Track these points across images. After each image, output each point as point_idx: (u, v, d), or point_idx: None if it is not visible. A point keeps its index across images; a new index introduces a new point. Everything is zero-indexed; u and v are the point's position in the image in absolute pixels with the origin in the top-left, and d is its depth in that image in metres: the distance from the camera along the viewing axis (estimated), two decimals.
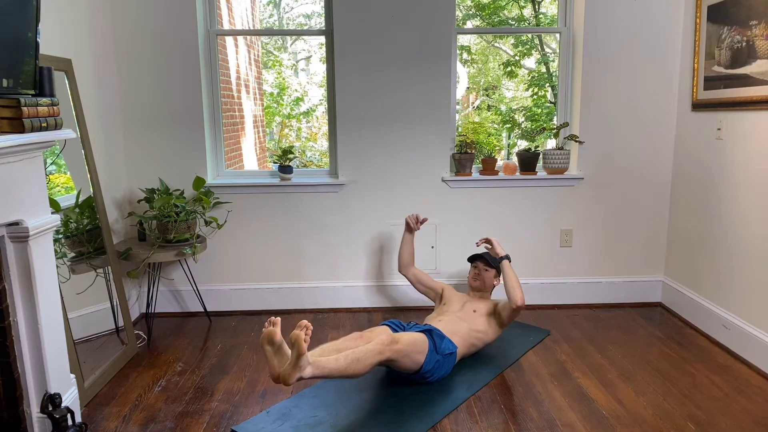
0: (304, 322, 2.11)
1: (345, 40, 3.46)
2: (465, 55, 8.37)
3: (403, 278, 3.40)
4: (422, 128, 3.57)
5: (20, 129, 1.85)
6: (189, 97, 3.47)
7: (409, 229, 3.31)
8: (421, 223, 3.33)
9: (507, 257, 2.97)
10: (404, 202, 3.64)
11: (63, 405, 2.16)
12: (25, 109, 1.85)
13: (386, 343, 2.39)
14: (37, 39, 1.99)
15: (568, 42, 3.63)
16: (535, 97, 7.49)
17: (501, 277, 3.04)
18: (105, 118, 3.29)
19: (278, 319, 2.19)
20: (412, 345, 2.51)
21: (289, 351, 2.15)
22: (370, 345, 2.37)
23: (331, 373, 2.23)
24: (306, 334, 2.07)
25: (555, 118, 3.95)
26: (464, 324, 2.85)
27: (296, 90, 9.15)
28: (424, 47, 3.48)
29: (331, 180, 3.63)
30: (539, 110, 7.34)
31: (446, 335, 2.71)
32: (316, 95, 9.12)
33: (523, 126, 7.48)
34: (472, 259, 3.17)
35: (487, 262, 3.10)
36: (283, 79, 9.09)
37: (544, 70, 7.74)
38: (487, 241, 3.11)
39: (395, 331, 2.66)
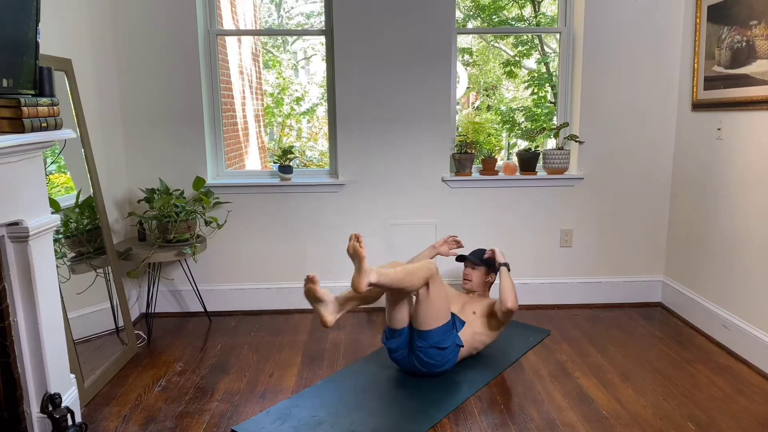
0: (353, 234, 2.42)
1: (345, 40, 3.46)
2: (467, 57, 8.37)
3: None
4: (422, 128, 3.57)
5: (20, 129, 1.85)
6: (189, 97, 3.47)
7: (439, 250, 3.23)
8: (451, 245, 3.28)
9: (506, 265, 2.97)
10: (404, 202, 3.64)
11: (63, 405, 2.16)
12: (25, 109, 1.85)
13: (434, 263, 2.65)
14: (37, 39, 1.99)
15: (568, 42, 3.63)
16: (535, 97, 7.49)
17: (494, 274, 3.09)
18: (105, 118, 3.29)
19: (315, 275, 2.48)
20: (442, 288, 2.67)
21: (331, 298, 2.55)
22: (420, 263, 2.62)
23: (391, 281, 2.48)
24: (359, 242, 2.39)
25: (555, 118, 3.95)
26: (467, 328, 2.84)
27: (296, 90, 9.15)
28: (424, 47, 3.48)
29: (331, 180, 3.63)
30: (539, 110, 7.33)
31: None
32: (316, 94, 9.11)
33: (523, 126, 7.48)
34: (459, 260, 3.19)
35: (473, 262, 3.10)
36: (284, 79, 9.09)
37: (544, 70, 7.74)
38: (492, 252, 3.10)
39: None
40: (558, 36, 3.70)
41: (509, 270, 2.94)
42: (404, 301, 2.71)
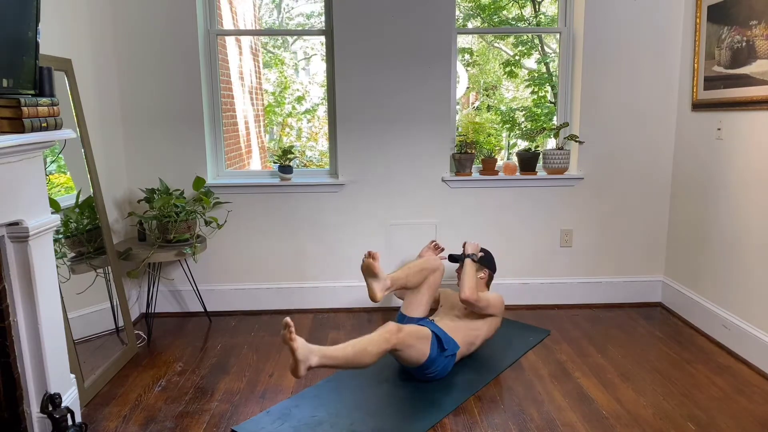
0: (285, 320, 2.14)
1: (345, 40, 3.46)
2: (467, 57, 8.37)
3: None
4: (422, 128, 3.57)
5: (20, 129, 1.85)
6: (189, 97, 3.47)
7: (426, 258, 3.21)
8: (436, 250, 3.31)
9: (471, 256, 3.00)
10: (404, 202, 3.64)
11: (63, 405, 2.16)
12: (25, 109, 1.85)
13: (393, 332, 2.44)
14: (37, 39, 1.99)
15: (568, 42, 3.63)
16: (535, 96, 7.49)
17: (486, 269, 3.10)
18: (105, 118, 3.29)
19: (377, 253, 2.57)
20: (414, 335, 2.54)
21: (385, 275, 2.66)
22: (376, 334, 2.41)
23: (338, 361, 2.28)
24: (289, 332, 2.12)
25: (555, 118, 3.95)
26: (461, 322, 2.87)
27: (297, 90, 9.15)
28: (424, 47, 3.48)
29: (331, 180, 3.63)
30: (539, 110, 7.33)
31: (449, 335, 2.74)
32: (318, 94, 9.11)
33: (523, 126, 7.48)
34: (451, 260, 3.21)
35: (456, 259, 3.13)
36: (285, 78, 9.08)
37: (544, 70, 7.74)
38: (463, 244, 3.14)
39: None
40: (558, 36, 3.70)
41: (474, 261, 2.99)
42: (423, 292, 2.89)
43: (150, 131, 3.50)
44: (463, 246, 3.12)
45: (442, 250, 3.33)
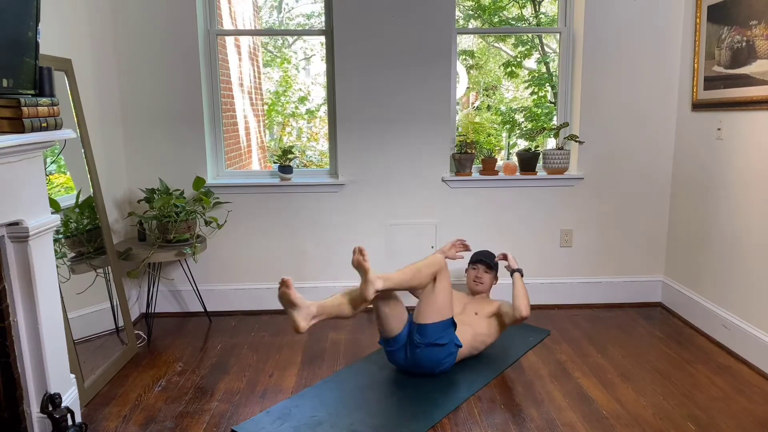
0: (357, 247, 2.47)
1: (345, 40, 3.46)
2: (469, 60, 8.36)
3: None
4: (422, 128, 3.57)
5: (20, 129, 1.85)
6: (189, 97, 3.47)
7: (447, 254, 3.09)
8: (459, 248, 3.17)
9: (520, 271, 2.97)
10: (404, 202, 3.64)
11: (63, 405, 2.16)
12: (25, 109, 1.85)
13: (440, 257, 2.69)
14: (37, 39, 1.99)
15: (568, 42, 3.63)
16: (535, 96, 7.49)
17: (498, 278, 3.08)
18: (105, 118, 3.29)
19: (289, 279, 2.45)
20: (450, 287, 2.71)
21: (306, 303, 2.52)
22: (427, 258, 2.68)
23: (400, 285, 2.57)
24: (362, 255, 2.45)
25: (555, 118, 3.95)
26: (468, 328, 2.84)
27: (300, 90, 9.15)
28: (424, 47, 3.48)
29: (331, 180, 3.63)
30: (539, 110, 7.34)
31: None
32: (320, 95, 9.11)
33: (523, 126, 7.48)
34: (473, 261, 3.16)
35: (488, 265, 3.10)
36: (289, 77, 9.08)
37: (544, 70, 7.74)
38: (504, 256, 3.08)
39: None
40: (558, 36, 3.70)
41: (522, 275, 2.94)
42: (393, 310, 2.66)
43: (150, 131, 3.50)
44: (505, 257, 3.05)
45: (468, 250, 3.18)
